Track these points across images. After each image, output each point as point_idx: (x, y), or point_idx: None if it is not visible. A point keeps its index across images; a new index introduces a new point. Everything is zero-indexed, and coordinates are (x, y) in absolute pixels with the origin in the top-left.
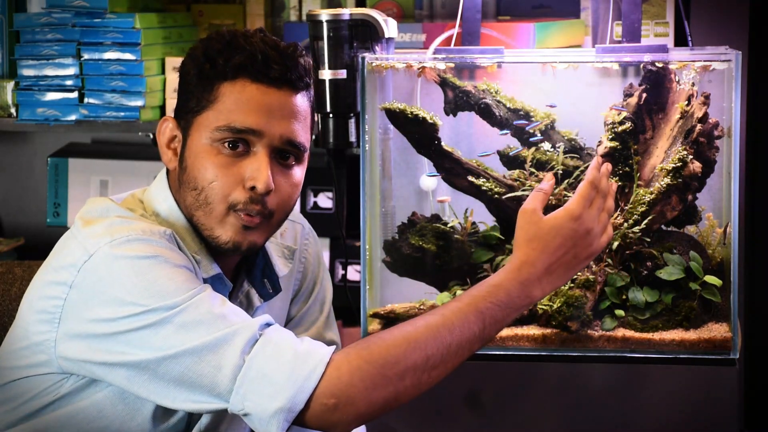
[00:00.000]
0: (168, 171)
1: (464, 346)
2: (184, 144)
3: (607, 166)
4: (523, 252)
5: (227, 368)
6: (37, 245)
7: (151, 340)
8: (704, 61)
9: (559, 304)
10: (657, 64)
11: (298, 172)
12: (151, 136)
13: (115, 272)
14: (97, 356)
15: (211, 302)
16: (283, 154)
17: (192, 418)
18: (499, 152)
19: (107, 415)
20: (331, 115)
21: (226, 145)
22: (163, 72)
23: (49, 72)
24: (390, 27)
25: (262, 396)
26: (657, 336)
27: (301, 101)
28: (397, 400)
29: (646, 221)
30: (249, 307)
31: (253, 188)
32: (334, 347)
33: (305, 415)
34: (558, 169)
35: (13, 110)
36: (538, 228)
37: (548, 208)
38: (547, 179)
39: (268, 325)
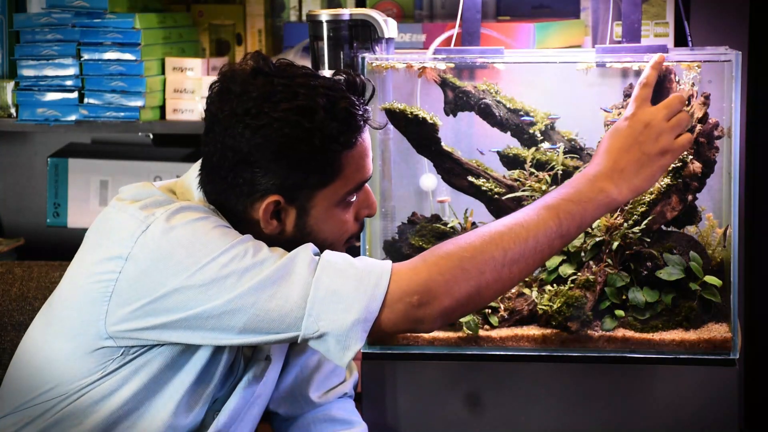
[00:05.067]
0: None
1: (542, 241)
2: (302, 214)
3: (660, 57)
4: (592, 161)
5: (295, 294)
6: (37, 245)
7: (215, 292)
8: (704, 61)
9: (559, 305)
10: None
11: None
12: (151, 136)
13: (174, 239)
14: (155, 320)
15: (263, 245)
16: None
17: (207, 416)
18: (499, 152)
19: (129, 409)
20: None
21: (353, 196)
22: (163, 72)
23: (49, 72)
24: (390, 27)
25: (336, 312)
26: (657, 336)
27: None
28: (480, 294)
29: (646, 221)
30: None
31: (366, 215)
32: (390, 262)
33: (390, 321)
34: (558, 170)
35: (13, 110)
36: (603, 140)
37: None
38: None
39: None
